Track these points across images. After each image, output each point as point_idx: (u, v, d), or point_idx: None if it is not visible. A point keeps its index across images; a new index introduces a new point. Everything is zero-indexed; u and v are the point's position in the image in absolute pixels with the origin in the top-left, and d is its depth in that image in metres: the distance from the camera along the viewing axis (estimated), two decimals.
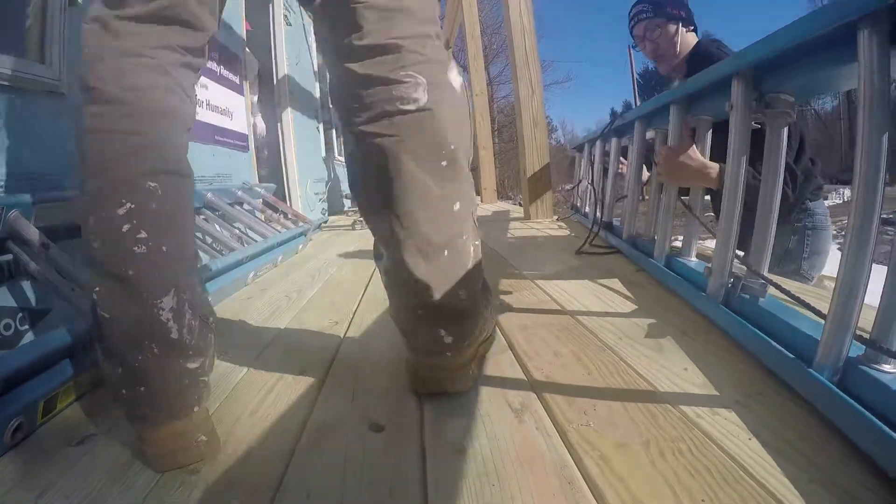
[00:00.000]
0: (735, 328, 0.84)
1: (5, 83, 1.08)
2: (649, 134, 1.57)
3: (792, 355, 0.66)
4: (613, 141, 1.99)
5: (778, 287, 0.82)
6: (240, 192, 2.31)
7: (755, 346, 0.76)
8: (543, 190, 3.04)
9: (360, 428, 0.65)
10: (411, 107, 0.64)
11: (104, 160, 0.58)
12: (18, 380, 0.69)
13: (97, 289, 0.58)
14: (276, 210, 2.53)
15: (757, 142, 0.89)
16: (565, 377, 0.76)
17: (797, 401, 0.63)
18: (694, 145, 1.19)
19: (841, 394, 0.55)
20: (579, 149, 2.84)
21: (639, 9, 1.59)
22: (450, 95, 0.67)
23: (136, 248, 0.57)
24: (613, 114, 1.89)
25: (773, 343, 0.71)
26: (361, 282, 1.54)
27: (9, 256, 1.00)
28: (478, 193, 5.10)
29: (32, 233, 0.99)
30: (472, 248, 0.71)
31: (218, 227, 1.92)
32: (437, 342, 0.70)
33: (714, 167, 1.17)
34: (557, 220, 2.91)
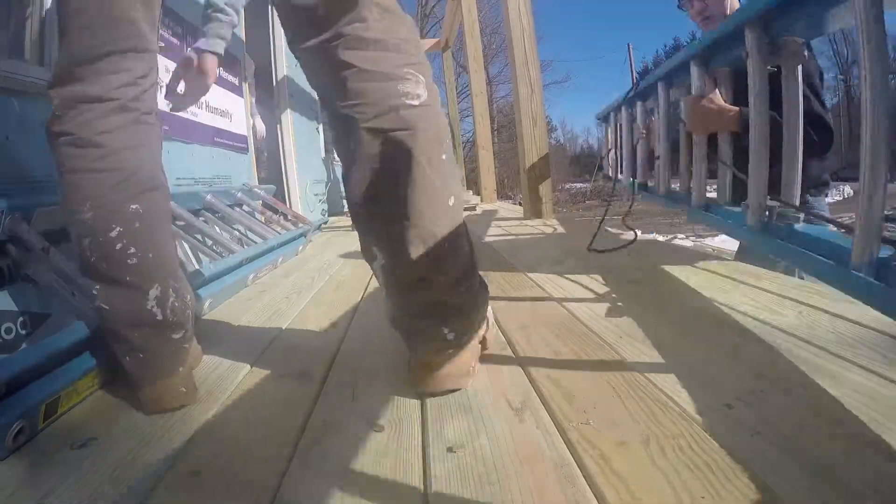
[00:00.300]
0: (778, 249, 0.97)
1: (4, 86, 1.08)
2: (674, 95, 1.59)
3: (833, 262, 0.78)
4: (638, 105, 1.97)
5: (809, 213, 0.93)
6: (239, 194, 2.31)
7: (798, 261, 0.92)
8: (544, 190, 3.04)
9: (361, 428, 0.65)
10: (416, 102, 0.67)
11: (91, 196, 0.69)
12: (21, 383, 0.69)
13: (97, 287, 0.72)
14: (275, 212, 2.53)
15: (776, 91, 0.97)
16: (565, 376, 0.76)
17: (798, 398, 0.63)
18: (716, 91, 1.24)
19: (878, 284, 0.66)
20: (604, 118, 2.73)
21: None
22: (437, 96, 0.71)
23: (129, 261, 0.71)
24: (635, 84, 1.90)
25: (815, 254, 0.83)
26: (361, 282, 1.54)
27: (8, 260, 1.00)
28: (477, 193, 5.10)
29: (32, 236, 0.99)
30: (467, 244, 0.73)
31: (218, 230, 1.92)
32: (440, 339, 0.71)
33: (734, 109, 1.20)
34: (603, 216, 2.77)
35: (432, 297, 0.69)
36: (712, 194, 1.37)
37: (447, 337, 0.71)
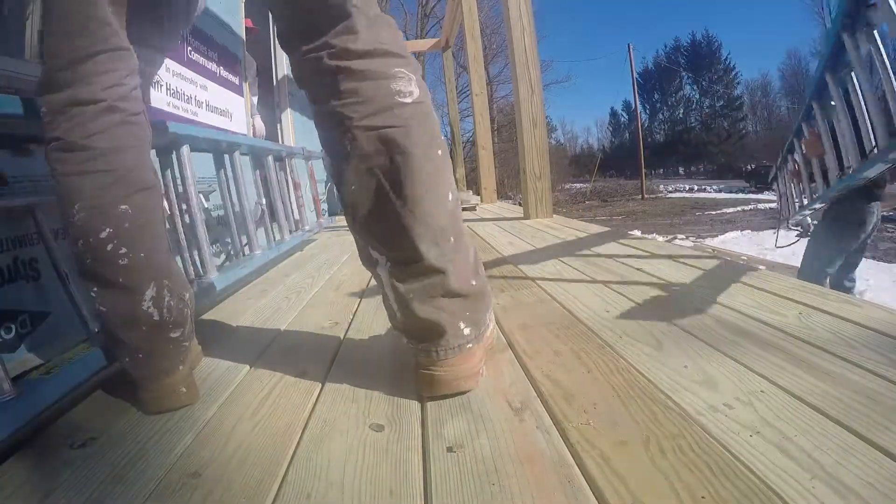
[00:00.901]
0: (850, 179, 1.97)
1: (7, 85, 1.08)
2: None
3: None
4: (789, 158, 3.17)
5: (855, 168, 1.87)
6: (285, 155, 2.41)
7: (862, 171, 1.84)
8: (543, 190, 3.04)
9: (360, 428, 0.65)
10: (408, 99, 0.67)
11: (81, 198, 0.70)
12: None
13: (94, 289, 0.73)
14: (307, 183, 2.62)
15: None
16: (565, 376, 0.76)
17: (798, 398, 0.63)
18: (814, 135, 2.24)
19: None
20: (773, 179, 4.00)
21: None
22: (428, 94, 0.71)
23: (120, 261, 0.71)
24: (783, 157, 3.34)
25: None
26: (361, 282, 1.54)
27: (8, 259, 1.00)
28: (477, 193, 5.09)
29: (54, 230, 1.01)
30: (467, 237, 0.74)
31: (244, 196, 1.92)
32: (458, 336, 0.71)
33: (822, 144, 2.18)
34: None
35: (447, 288, 0.69)
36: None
37: (464, 331, 0.71)
